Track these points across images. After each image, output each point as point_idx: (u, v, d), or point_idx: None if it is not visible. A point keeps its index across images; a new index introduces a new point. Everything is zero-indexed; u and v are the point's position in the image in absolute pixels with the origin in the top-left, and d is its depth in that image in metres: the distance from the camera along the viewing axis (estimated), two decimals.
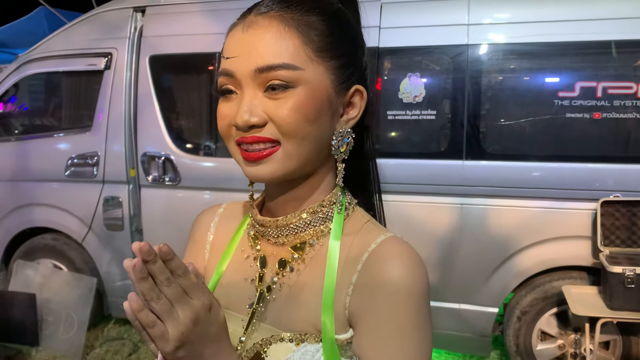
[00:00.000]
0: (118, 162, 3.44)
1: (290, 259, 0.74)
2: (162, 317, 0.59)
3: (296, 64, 0.66)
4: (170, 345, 0.59)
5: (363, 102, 0.75)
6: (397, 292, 0.66)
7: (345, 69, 0.72)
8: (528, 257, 2.92)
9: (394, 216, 3.06)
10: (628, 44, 2.72)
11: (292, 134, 0.67)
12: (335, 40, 0.70)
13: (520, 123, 2.89)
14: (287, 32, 0.67)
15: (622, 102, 2.71)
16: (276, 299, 0.74)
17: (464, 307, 3.04)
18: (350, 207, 0.77)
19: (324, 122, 0.70)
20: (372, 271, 0.68)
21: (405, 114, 3.00)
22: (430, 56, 3.01)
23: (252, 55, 0.67)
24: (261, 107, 0.67)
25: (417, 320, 0.67)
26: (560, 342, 2.96)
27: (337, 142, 0.72)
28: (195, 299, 0.61)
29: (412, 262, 0.68)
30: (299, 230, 0.74)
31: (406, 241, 0.73)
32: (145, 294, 0.58)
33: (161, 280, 0.59)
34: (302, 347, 0.70)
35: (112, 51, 3.46)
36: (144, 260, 0.57)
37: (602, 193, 2.73)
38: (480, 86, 2.91)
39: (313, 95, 0.67)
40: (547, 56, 2.85)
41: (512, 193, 2.88)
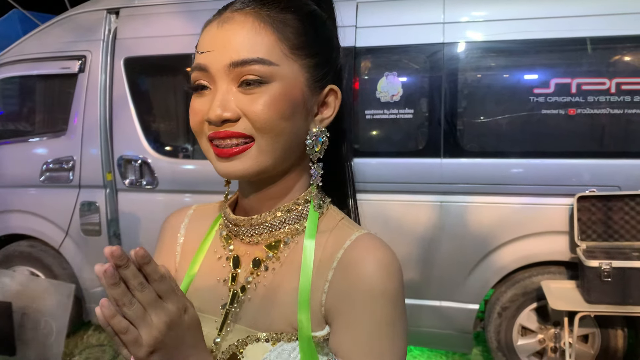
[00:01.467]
0: (94, 166, 3.40)
1: (264, 257, 0.74)
2: (135, 322, 0.58)
3: (271, 59, 0.67)
4: (143, 350, 0.58)
5: (337, 102, 0.75)
6: (372, 289, 0.66)
7: (320, 68, 0.72)
8: (507, 253, 2.94)
9: (374, 215, 3.09)
10: (601, 40, 2.75)
11: (266, 129, 0.67)
12: (310, 39, 0.71)
13: (497, 120, 2.91)
14: (262, 28, 0.67)
15: (596, 98, 2.74)
16: (251, 299, 0.73)
17: (445, 305, 3.06)
18: (324, 205, 0.77)
19: (298, 120, 0.70)
20: (347, 268, 0.68)
21: (383, 113, 3.00)
22: (407, 55, 3.02)
23: (227, 50, 0.67)
24: (235, 102, 0.67)
25: (392, 317, 0.67)
26: (540, 336, 2.99)
27: (312, 141, 0.72)
28: (170, 303, 0.60)
29: (386, 258, 0.68)
30: (273, 229, 0.74)
31: (380, 238, 0.73)
32: (118, 299, 0.57)
33: (134, 285, 0.57)
34: (279, 346, 0.69)
35: (86, 54, 3.41)
36: (116, 265, 0.56)
37: (578, 188, 2.76)
38: (456, 84, 2.92)
39: (288, 91, 0.68)
40: (522, 53, 2.88)
41: (490, 190, 2.90)
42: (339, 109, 0.78)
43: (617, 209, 2.72)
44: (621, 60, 2.77)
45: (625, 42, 2.74)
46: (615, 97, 2.72)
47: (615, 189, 2.75)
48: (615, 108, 2.73)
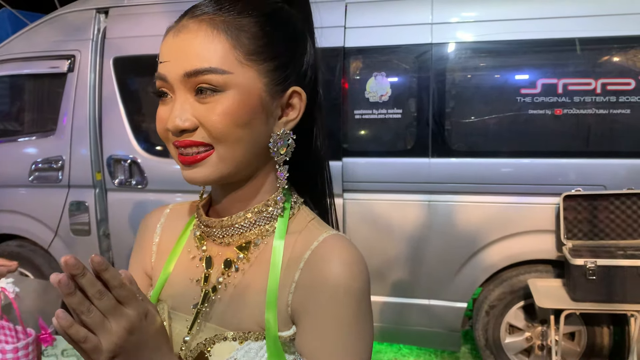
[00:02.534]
0: (83, 166, 3.39)
1: (235, 258, 0.75)
2: (94, 329, 0.58)
3: (224, 68, 0.66)
4: (103, 357, 0.58)
5: (302, 104, 0.74)
6: (337, 290, 0.67)
7: (281, 71, 0.71)
8: (495, 252, 2.97)
9: (363, 214, 3.10)
10: (587, 41, 2.78)
11: (223, 138, 0.67)
12: (269, 43, 0.70)
13: (485, 120, 2.93)
14: (215, 36, 0.67)
15: (581, 98, 2.77)
16: (222, 299, 0.74)
17: (434, 303, 3.08)
18: (295, 206, 0.77)
19: (258, 125, 0.70)
20: (314, 269, 0.69)
21: (372, 113, 3.02)
22: (396, 55, 3.04)
23: (181, 60, 0.67)
24: (192, 112, 0.67)
25: (357, 317, 0.68)
26: (527, 334, 3.02)
27: (275, 144, 0.72)
28: (130, 309, 0.59)
29: (352, 259, 0.69)
30: (244, 230, 0.74)
31: (348, 238, 0.73)
32: (75, 308, 0.57)
33: (92, 294, 0.57)
34: (246, 345, 0.70)
35: (75, 53, 3.40)
36: (71, 274, 0.55)
37: (564, 187, 2.79)
38: (444, 84, 2.94)
39: (243, 99, 0.67)
40: (509, 54, 2.91)
41: (478, 189, 2.92)
42: (316, 109, 0.79)
43: (602, 208, 2.75)
44: (606, 61, 2.80)
45: (611, 43, 2.77)
46: (600, 98, 2.75)
47: (600, 188, 2.78)
48: (600, 108, 2.76)
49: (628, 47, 2.76)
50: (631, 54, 2.76)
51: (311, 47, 0.78)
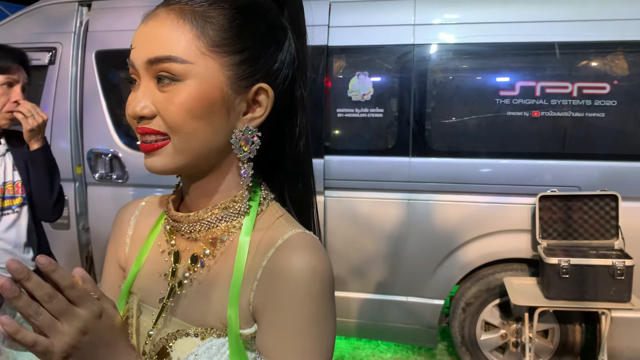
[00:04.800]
0: (64, 160, 3.36)
1: (202, 254, 0.74)
2: (46, 331, 0.56)
3: (184, 57, 0.65)
4: (55, 357, 0.57)
5: (270, 102, 0.72)
6: (298, 288, 0.66)
7: (247, 66, 0.69)
8: (472, 250, 3.02)
9: (344, 211, 3.12)
10: (565, 45, 2.85)
11: (177, 129, 0.67)
12: (236, 36, 0.68)
13: (464, 121, 2.98)
14: (180, 25, 0.66)
15: (558, 101, 2.84)
16: (186, 294, 0.74)
17: (411, 300, 3.13)
18: (265, 202, 0.77)
19: (216, 120, 0.68)
20: (275, 268, 0.68)
21: (354, 111, 3.05)
22: (378, 55, 3.07)
23: (146, 47, 0.67)
24: (151, 99, 0.67)
25: (317, 316, 0.66)
26: (502, 331, 3.08)
27: (237, 140, 0.70)
28: (82, 309, 0.58)
29: (315, 257, 0.67)
30: (211, 226, 0.74)
31: (314, 237, 0.72)
32: (22, 312, 0.55)
33: (41, 297, 0.55)
34: (207, 342, 0.70)
35: (56, 46, 3.38)
36: (16, 279, 0.54)
37: (540, 188, 2.86)
38: (425, 85, 2.99)
39: (202, 91, 0.66)
40: (489, 56, 2.96)
41: (457, 189, 2.97)
42: (299, 109, 0.77)
43: (576, 209, 2.82)
44: (583, 65, 2.87)
45: (588, 48, 2.84)
46: (577, 101, 2.82)
47: (575, 189, 2.85)
48: (576, 111, 2.83)
49: (604, 52, 2.83)
50: (607, 59, 2.84)
51: (293, 45, 0.75)
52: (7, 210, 1.89)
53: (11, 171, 1.92)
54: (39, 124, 1.87)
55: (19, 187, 1.92)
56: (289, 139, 0.78)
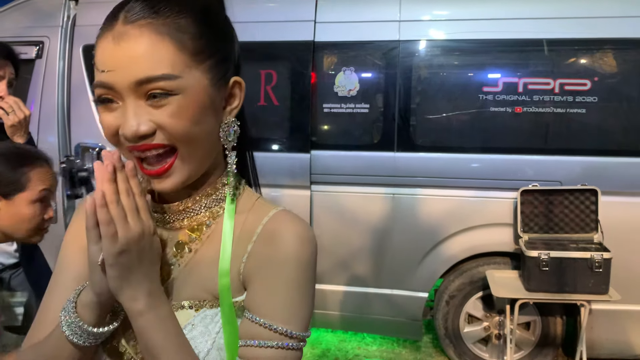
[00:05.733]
0: (51, 154, 3.31)
1: (187, 240, 0.79)
2: (116, 220, 0.65)
3: (175, 72, 0.67)
4: (116, 247, 0.65)
5: (242, 93, 0.78)
6: (288, 256, 0.73)
7: (222, 65, 0.74)
8: (455, 244, 3.07)
9: (330, 206, 3.14)
10: (547, 42, 2.89)
11: (185, 139, 0.70)
12: (208, 40, 0.72)
13: (448, 116, 3.03)
14: (160, 41, 0.67)
15: (541, 97, 2.89)
16: (176, 278, 0.78)
17: (396, 293, 3.17)
18: (240, 186, 0.83)
19: (210, 120, 0.73)
20: (266, 239, 0.75)
21: (340, 107, 3.09)
22: (364, 51, 3.10)
23: (130, 68, 0.66)
24: (147, 117, 0.68)
25: (303, 281, 0.74)
26: (485, 324, 3.13)
27: (225, 132, 0.76)
28: (144, 219, 0.68)
29: (302, 231, 0.75)
30: (194, 213, 0.79)
31: (296, 214, 0.79)
32: (108, 195, 0.65)
33: (122, 189, 0.66)
34: (202, 312, 0.75)
35: (44, 40, 3.38)
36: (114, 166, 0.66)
37: (522, 182, 2.91)
38: (410, 81, 3.03)
39: (195, 98, 0.70)
40: (473, 53, 3.00)
41: (441, 183, 3.02)
42: None
43: (557, 203, 2.87)
44: (565, 62, 2.92)
45: (569, 45, 2.89)
46: (558, 97, 2.87)
47: (556, 184, 2.90)
48: (558, 107, 2.88)
49: (585, 50, 2.88)
50: (588, 56, 2.89)
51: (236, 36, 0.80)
52: None
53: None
54: (19, 120, 1.87)
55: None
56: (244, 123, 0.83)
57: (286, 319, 0.72)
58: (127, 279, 0.68)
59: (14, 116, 1.85)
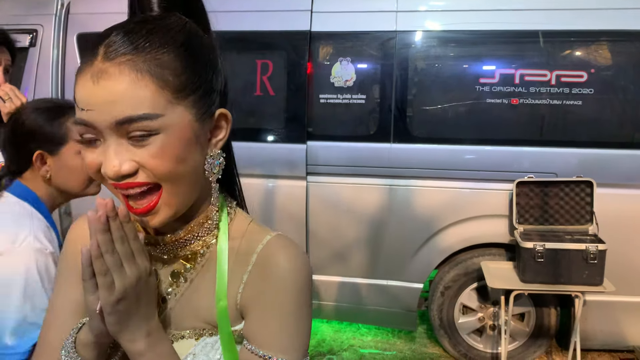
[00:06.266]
0: None
1: (182, 270, 0.78)
2: (112, 270, 0.66)
3: (156, 111, 0.65)
4: (113, 296, 0.66)
5: (229, 124, 0.76)
6: (284, 282, 0.73)
7: (206, 98, 0.71)
8: (451, 235, 3.07)
9: (326, 197, 3.15)
10: (544, 34, 2.88)
11: (167, 178, 0.68)
12: (191, 74, 0.69)
13: (445, 108, 3.02)
14: (140, 80, 0.64)
15: (537, 89, 2.89)
16: (173, 308, 0.78)
17: (392, 284, 3.18)
18: (232, 211, 0.82)
19: (194, 156, 0.71)
20: (262, 268, 0.75)
21: (336, 97, 3.08)
22: (361, 41, 3.09)
23: (109, 109, 0.64)
24: (128, 156, 0.66)
25: (298, 305, 0.74)
26: (480, 315, 3.15)
27: (210, 166, 0.74)
28: (140, 262, 0.68)
29: (296, 256, 0.75)
30: (188, 243, 0.78)
31: (290, 238, 0.78)
32: (103, 245, 0.65)
33: (117, 237, 0.66)
34: (202, 341, 0.76)
35: (37, 28, 3.35)
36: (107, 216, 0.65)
37: (518, 174, 2.91)
38: (407, 72, 3.02)
39: (178, 136, 0.67)
40: (469, 44, 2.99)
41: (437, 174, 3.02)
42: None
43: (553, 195, 2.88)
44: (561, 53, 2.91)
45: (566, 37, 2.88)
46: (555, 89, 2.87)
47: (552, 176, 2.91)
48: (554, 99, 2.88)
49: (582, 41, 2.87)
50: (585, 48, 2.88)
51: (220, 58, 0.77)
52: None
53: None
54: (17, 107, 1.86)
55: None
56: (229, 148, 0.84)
57: (284, 349, 0.72)
58: (126, 324, 0.69)
59: (10, 104, 1.83)
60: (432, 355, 3.32)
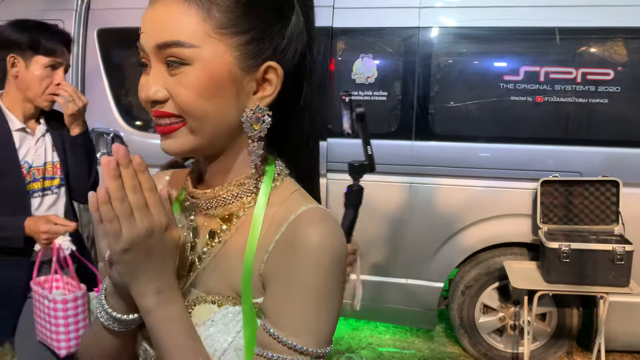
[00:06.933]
0: None
1: (219, 230, 0.76)
2: (121, 218, 0.64)
3: (191, 41, 0.65)
4: (120, 245, 0.64)
5: (279, 80, 0.71)
6: (307, 258, 0.66)
7: (254, 45, 0.69)
8: (472, 234, 3.04)
9: None
10: (570, 31, 2.85)
11: (189, 111, 0.67)
12: (242, 15, 0.67)
13: (467, 105, 2.99)
14: (186, 8, 0.66)
15: (562, 87, 2.84)
16: (205, 268, 0.75)
17: (412, 282, 3.16)
18: (279, 177, 0.77)
19: (226, 101, 0.69)
20: (288, 239, 0.69)
21: (358, 94, 3.05)
22: (383, 38, 3.06)
23: (153, 32, 0.67)
24: (162, 83, 0.67)
25: (322, 288, 0.67)
26: (501, 314, 3.12)
27: (248, 119, 0.70)
28: (154, 215, 0.65)
29: (326, 232, 0.68)
30: (226, 202, 0.75)
31: (328, 212, 0.72)
32: (112, 192, 0.63)
33: (129, 186, 0.64)
34: (224, 309, 0.72)
35: (58, 23, 3.29)
36: (118, 163, 0.63)
37: (542, 173, 2.87)
38: (430, 69, 2.99)
39: (209, 73, 0.66)
40: (494, 40, 2.96)
41: (459, 173, 2.99)
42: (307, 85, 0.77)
43: (577, 194, 2.84)
44: (588, 51, 2.87)
45: (593, 34, 2.84)
46: (580, 87, 2.83)
47: (576, 175, 2.87)
48: (580, 97, 2.84)
49: (609, 38, 2.83)
50: (612, 45, 2.84)
51: (301, 17, 0.73)
52: (47, 191, 1.89)
53: (51, 152, 1.90)
54: (79, 109, 1.85)
55: (58, 167, 1.91)
56: (295, 114, 0.78)
57: (297, 331, 0.66)
58: (135, 276, 0.67)
59: (73, 105, 1.84)
60: (451, 354, 3.29)
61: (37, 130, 1.88)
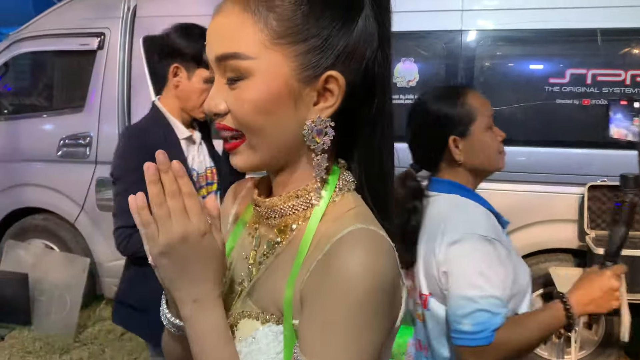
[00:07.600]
0: (111, 143, 3.36)
1: (275, 241, 0.74)
2: (159, 222, 0.64)
3: (248, 53, 0.64)
4: (156, 249, 0.65)
5: (340, 90, 0.67)
6: (342, 284, 0.61)
7: (313, 54, 0.65)
8: (516, 239, 2.97)
9: None
10: (617, 32, 2.78)
11: (247, 126, 0.67)
12: (300, 24, 0.64)
13: (512, 108, 2.94)
14: (245, 19, 0.64)
15: (610, 89, 2.78)
16: (259, 279, 0.74)
17: None
18: (340, 192, 0.72)
19: (284, 114, 0.66)
20: (327, 262, 0.64)
21: (399, 98, 3.04)
22: (425, 41, 3.05)
23: (213, 44, 0.66)
24: (224, 96, 0.67)
25: (355, 318, 0.61)
26: None
27: (309, 132, 0.67)
28: (193, 220, 0.65)
29: (369, 260, 0.62)
30: (283, 214, 0.72)
31: (378, 234, 0.66)
32: (152, 197, 0.64)
33: (168, 191, 0.64)
34: (267, 327, 0.70)
35: (105, 31, 3.44)
36: (158, 168, 0.64)
37: (588, 178, 2.81)
38: (473, 72, 2.96)
39: (267, 86, 0.64)
40: (538, 43, 2.91)
41: (502, 177, 2.91)
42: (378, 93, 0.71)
43: None
44: (637, 52, 2.80)
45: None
46: (630, 89, 2.75)
47: None
48: (629, 100, 2.76)
49: None
50: None
51: (371, 20, 0.69)
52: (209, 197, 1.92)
53: (209, 158, 1.94)
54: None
55: (214, 173, 1.94)
56: (365, 123, 0.72)
57: None
58: (173, 282, 0.67)
59: None
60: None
61: (196, 137, 1.90)
